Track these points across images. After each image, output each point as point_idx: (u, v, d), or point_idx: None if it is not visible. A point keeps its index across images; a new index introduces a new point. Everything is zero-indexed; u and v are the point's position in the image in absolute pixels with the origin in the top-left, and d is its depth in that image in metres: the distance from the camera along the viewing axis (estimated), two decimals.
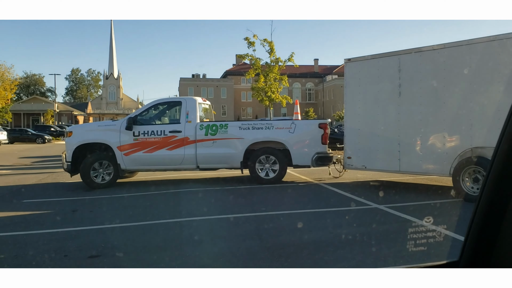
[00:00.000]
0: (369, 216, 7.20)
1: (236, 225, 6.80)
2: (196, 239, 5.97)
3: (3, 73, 57.81)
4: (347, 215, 7.32)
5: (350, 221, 6.84)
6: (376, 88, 9.96)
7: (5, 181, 12.85)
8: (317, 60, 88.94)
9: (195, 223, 6.92)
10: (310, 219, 7.09)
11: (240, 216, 7.32)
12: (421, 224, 6.23)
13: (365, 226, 6.53)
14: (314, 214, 7.47)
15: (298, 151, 10.72)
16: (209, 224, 6.88)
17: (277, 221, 7.02)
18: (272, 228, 6.50)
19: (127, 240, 6.08)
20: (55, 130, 51.30)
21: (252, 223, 6.87)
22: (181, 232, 6.40)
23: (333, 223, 6.67)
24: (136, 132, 10.66)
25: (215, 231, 6.43)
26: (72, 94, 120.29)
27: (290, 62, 24.75)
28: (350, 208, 7.82)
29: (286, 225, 6.74)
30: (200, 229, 6.57)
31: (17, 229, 6.78)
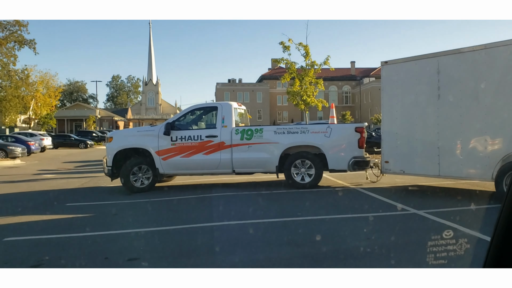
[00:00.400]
0: (407, 222, 7.04)
1: (271, 230, 6.80)
2: (232, 244, 6.01)
3: (48, 81, 60.13)
4: (385, 221, 7.19)
5: (388, 227, 6.71)
6: (414, 91, 9.75)
7: (50, 185, 13.35)
8: (354, 62, 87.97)
9: (231, 228, 6.97)
10: (346, 224, 7.01)
11: (276, 221, 7.32)
12: (457, 230, 6.04)
13: (402, 232, 6.39)
14: (350, 219, 7.38)
15: (334, 155, 10.61)
16: (245, 228, 6.90)
17: (313, 226, 6.98)
18: (308, 234, 6.46)
19: (164, 243, 6.19)
20: (97, 135, 52.83)
21: (287, 228, 6.85)
22: (216, 236, 6.46)
23: (370, 229, 6.55)
24: (173, 137, 10.85)
25: (251, 236, 6.44)
26: (112, 100, 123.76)
27: (325, 65, 24.53)
28: (388, 214, 7.67)
29: (323, 230, 6.67)
30: (235, 233, 6.60)
31: (60, 231, 7.03)
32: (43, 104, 57.80)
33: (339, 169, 10.77)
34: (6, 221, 7.98)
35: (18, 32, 53.46)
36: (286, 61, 24.47)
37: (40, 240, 6.58)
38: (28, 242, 6.52)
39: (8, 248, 6.14)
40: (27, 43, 54.35)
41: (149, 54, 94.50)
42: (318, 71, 24.52)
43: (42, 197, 10.98)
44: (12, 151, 26.65)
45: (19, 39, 53.65)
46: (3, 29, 52.82)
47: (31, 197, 11.00)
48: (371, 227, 6.64)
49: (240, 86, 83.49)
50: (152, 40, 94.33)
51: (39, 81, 58.57)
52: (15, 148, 27.10)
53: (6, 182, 14.61)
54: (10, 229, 7.38)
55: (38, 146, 33.35)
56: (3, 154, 26.63)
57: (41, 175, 16.70)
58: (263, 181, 12.38)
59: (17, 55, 54.10)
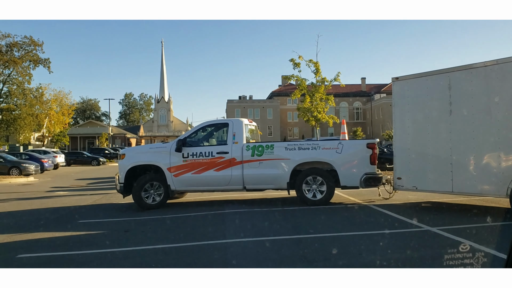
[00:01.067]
0: (421, 239, 6.94)
1: (283, 247, 6.75)
2: (244, 261, 5.97)
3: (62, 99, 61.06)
4: (398, 238, 7.10)
5: (401, 244, 6.62)
6: (426, 107, 9.71)
7: (63, 202, 13.44)
8: (364, 78, 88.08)
9: (242, 245, 6.93)
10: (359, 241, 6.92)
11: (288, 238, 7.27)
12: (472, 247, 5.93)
13: (416, 249, 6.29)
14: (363, 236, 7.29)
15: (346, 171, 10.55)
16: (257, 246, 6.86)
17: (325, 243, 6.91)
18: (320, 251, 6.40)
19: (176, 260, 6.17)
20: (109, 153, 53.23)
21: (300, 245, 6.80)
22: (229, 254, 6.42)
23: (383, 246, 6.47)
24: (185, 154, 10.89)
25: (263, 253, 6.40)
26: (125, 117, 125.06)
27: (336, 81, 24.58)
28: (401, 231, 7.58)
29: (335, 247, 6.59)
30: (247, 251, 6.57)
31: (73, 248, 7.05)
32: (56, 122, 58.60)
33: (351, 186, 10.69)
34: (20, 238, 8.03)
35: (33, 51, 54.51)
36: (297, 77, 24.60)
37: (52, 257, 6.61)
38: (41, 259, 6.54)
39: (21, 265, 6.16)
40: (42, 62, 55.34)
41: (161, 72, 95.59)
42: (328, 88, 24.56)
43: (55, 214, 11.05)
44: (26, 169, 26.97)
45: (34, 58, 54.67)
46: (19, 49, 53.90)
47: (44, 214, 11.06)
48: (384, 245, 6.56)
49: (251, 103, 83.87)
50: (164, 58, 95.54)
51: (53, 99, 59.52)
52: (29, 165, 27.43)
53: (19, 199, 14.74)
54: (23, 246, 7.41)
55: (51, 164, 33.71)
56: (17, 171, 26.96)
57: (54, 192, 16.83)
58: (274, 197, 12.33)
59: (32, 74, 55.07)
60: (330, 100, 24.80)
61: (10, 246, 7.36)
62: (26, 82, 54.91)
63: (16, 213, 11.49)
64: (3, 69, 53.67)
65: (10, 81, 55.15)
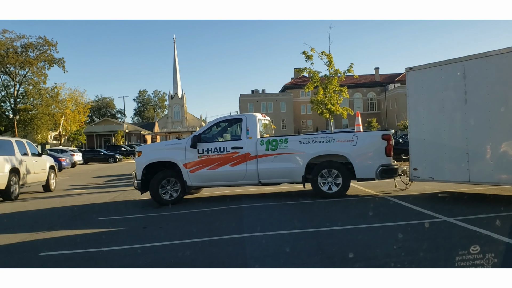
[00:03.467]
0: (438, 230, 6.92)
1: (299, 240, 6.78)
2: (260, 255, 6.02)
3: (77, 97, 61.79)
4: (415, 229, 7.07)
5: (419, 235, 6.60)
6: (440, 97, 9.62)
7: (81, 200, 13.66)
8: (378, 69, 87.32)
9: (259, 239, 6.98)
10: (376, 233, 6.92)
11: (304, 232, 7.29)
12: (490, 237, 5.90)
13: (433, 240, 6.28)
14: (380, 228, 7.29)
15: (361, 163, 10.52)
16: (274, 239, 6.91)
17: (342, 236, 6.92)
18: (337, 244, 6.42)
19: (194, 255, 6.25)
20: (125, 150, 53.82)
21: (316, 238, 6.82)
22: (244, 248, 6.48)
23: (400, 238, 6.45)
24: (200, 150, 10.97)
25: (280, 247, 6.44)
26: (140, 114, 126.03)
27: (349, 73, 24.41)
28: (418, 222, 7.54)
29: (352, 240, 6.61)
30: (263, 245, 6.61)
31: (92, 246, 7.19)
32: (72, 121, 59.35)
33: (367, 178, 10.66)
34: (41, 236, 8.21)
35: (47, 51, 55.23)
36: (309, 70, 24.51)
37: (73, 254, 6.75)
38: (61, 256, 6.69)
39: (44, 263, 6.31)
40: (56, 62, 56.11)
41: (174, 68, 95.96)
42: (342, 79, 24.43)
43: (74, 212, 11.25)
44: None
45: (49, 58, 55.43)
46: (34, 49, 54.67)
47: (64, 212, 11.28)
48: (401, 236, 6.53)
49: (264, 97, 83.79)
50: (176, 54, 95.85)
51: (68, 98, 60.27)
52: None
53: (39, 198, 15.02)
54: (45, 244, 7.59)
55: (69, 162, 34.21)
56: None
57: (73, 190, 17.11)
58: (289, 191, 12.37)
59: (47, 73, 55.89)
60: (344, 92, 24.66)
61: (32, 244, 7.53)
62: (42, 82, 55.84)
63: (37, 212, 11.72)
64: (19, 69, 54.58)
65: (26, 81, 56.09)
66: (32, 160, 15.67)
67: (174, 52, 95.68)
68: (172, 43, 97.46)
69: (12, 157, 14.34)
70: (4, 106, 57.13)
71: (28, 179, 15.22)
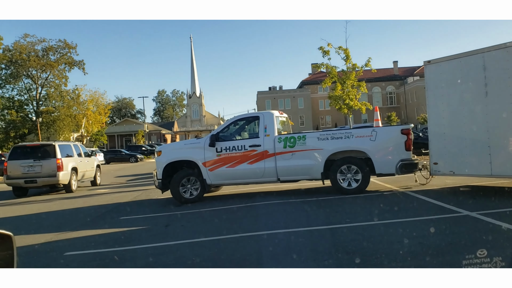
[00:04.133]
0: (460, 224, 6.83)
1: (320, 237, 6.77)
2: (281, 253, 6.04)
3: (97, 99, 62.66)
4: (437, 224, 6.99)
5: (441, 230, 6.52)
6: (460, 89, 9.47)
7: (104, 199, 13.88)
8: (396, 62, 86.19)
9: (279, 236, 7.00)
10: (398, 229, 6.86)
11: (324, 228, 7.28)
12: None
13: (456, 235, 6.20)
14: (401, 224, 7.23)
15: (381, 159, 10.43)
16: (294, 236, 6.92)
17: (363, 232, 6.89)
18: (357, 240, 6.39)
19: (215, 253, 6.31)
20: (146, 149, 54.38)
21: (336, 235, 6.80)
22: (265, 245, 6.51)
23: (422, 233, 6.38)
24: (218, 148, 11.04)
25: (300, 244, 6.45)
26: (159, 114, 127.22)
27: (367, 67, 24.13)
28: (440, 217, 7.46)
29: (373, 236, 6.57)
30: (284, 241, 6.63)
31: (116, 245, 7.31)
32: (94, 122, 60.22)
33: (387, 173, 10.58)
34: (66, 236, 8.39)
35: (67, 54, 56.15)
36: (326, 65, 24.30)
37: (97, 254, 6.88)
38: (86, 256, 6.82)
39: (69, 262, 6.45)
40: (77, 64, 57.02)
41: (192, 67, 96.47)
42: (359, 74, 24.15)
43: (97, 212, 11.44)
44: None
45: (69, 60, 56.36)
46: (54, 52, 55.66)
47: (87, 212, 11.48)
48: (423, 231, 6.47)
49: (281, 93, 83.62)
50: (193, 54, 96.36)
51: (89, 100, 61.16)
52: None
53: (63, 198, 15.31)
54: (69, 243, 7.75)
55: None
56: None
57: (96, 190, 17.39)
58: (308, 187, 12.35)
59: (68, 76, 56.81)
60: (362, 87, 24.39)
61: (57, 244, 7.70)
62: (63, 85, 56.85)
63: (61, 212, 11.96)
64: (40, 73, 55.66)
65: (47, 84, 57.15)
66: (84, 160, 18.49)
67: (191, 51, 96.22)
68: (189, 43, 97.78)
69: (71, 158, 17.21)
70: (27, 109, 58.34)
71: (82, 175, 17.98)
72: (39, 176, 16.10)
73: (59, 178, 16.16)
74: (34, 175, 16.10)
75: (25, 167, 16.14)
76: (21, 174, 16.18)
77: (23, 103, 57.56)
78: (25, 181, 16.15)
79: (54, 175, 16.09)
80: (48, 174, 16.07)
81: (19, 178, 16.22)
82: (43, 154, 16.40)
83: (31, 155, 16.49)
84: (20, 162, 16.25)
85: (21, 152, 16.85)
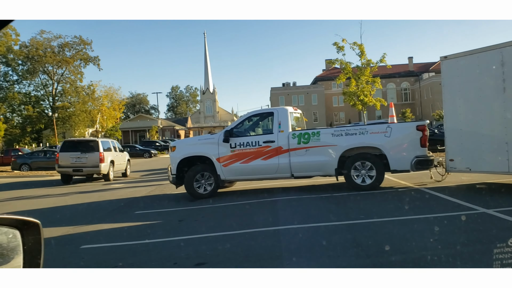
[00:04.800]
0: (476, 222, 6.76)
1: (334, 233, 6.77)
2: (295, 248, 6.05)
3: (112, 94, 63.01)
4: (453, 221, 6.93)
5: (456, 228, 6.47)
6: (477, 85, 9.34)
7: (119, 194, 14.02)
8: (412, 58, 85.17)
9: (293, 232, 7.01)
10: (413, 226, 6.82)
11: (338, 224, 7.27)
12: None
13: (471, 232, 6.13)
14: (416, 220, 7.17)
15: (395, 155, 10.35)
16: (308, 232, 6.92)
17: (377, 229, 6.86)
18: (372, 237, 6.37)
19: (230, 248, 6.33)
20: (160, 145, 54.66)
21: (351, 231, 6.78)
22: (280, 241, 6.52)
23: (437, 231, 6.33)
24: (232, 144, 11.06)
25: (314, 240, 6.45)
26: (173, 110, 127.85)
27: (382, 63, 23.93)
28: (455, 214, 7.40)
29: (387, 233, 6.54)
30: (298, 237, 6.64)
31: (131, 238, 7.39)
32: (108, 117, 60.62)
33: (402, 170, 10.49)
34: (82, 229, 8.50)
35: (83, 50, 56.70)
36: (341, 61, 24.13)
37: (112, 247, 6.96)
38: (102, 249, 6.92)
39: (85, 255, 6.54)
40: (92, 60, 57.58)
41: (205, 63, 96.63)
42: (374, 70, 23.96)
43: (112, 206, 11.56)
44: None
45: (84, 56, 56.93)
46: (70, 48, 56.25)
47: (103, 207, 11.61)
48: (439, 228, 6.41)
49: (295, 89, 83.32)
50: (207, 49, 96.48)
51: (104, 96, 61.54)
52: None
53: (79, 192, 15.51)
54: (85, 237, 7.85)
55: None
56: None
57: (110, 185, 17.57)
58: (322, 184, 12.32)
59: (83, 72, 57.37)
60: (377, 83, 24.19)
61: (74, 237, 7.81)
62: (78, 80, 57.50)
63: (77, 206, 12.11)
64: (56, 69, 56.34)
65: (63, 80, 57.86)
66: (119, 154, 21.50)
67: (205, 47, 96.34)
68: (203, 38, 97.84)
69: (110, 152, 20.01)
70: (43, 104, 59.14)
71: (117, 167, 20.69)
72: (84, 166, 18.97)
73: (101, 169, 18.93)
74: (80, 165, 19.01)
75: (73, 158, 19.03)
76: (70, 164, 19.06)
77: (39, 98, 58.43)
78: (73, 170, 19.12)
79: (97, 165, 18.83)
80: (92, 165, 18.86)
81: (68, 167, 19.16)
82: (88, 148, 19.18)
83: (78, 148, 19.41)
84: (69, 154, 19.13)
85: (69, 146, 19.95)
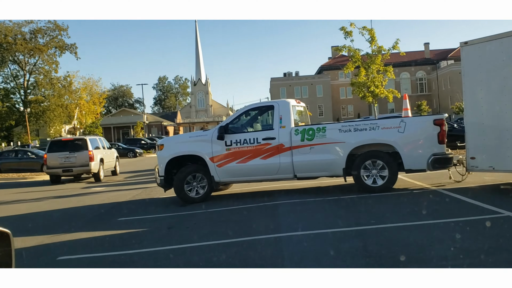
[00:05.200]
0: (502, 228, 6.78)
1: (343, 241, 6.78)
2: (299, 257, 6.06)
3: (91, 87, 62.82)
4: (475, 226, 6.95)
5: (478, 234, 6.49)
6: (502, 74, 9.36)
7: (100, 198, 14.02)
8: (428, 44, 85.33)
9: (297, 239, 7.02)
10: (429, 232, 6.83)
11: (346, 230, 7.29)
12: None
13: (495, 238, 6.16)
14: (433, 226, 7.19)
15: (410, 153, 10.36)
16: (313, 239, 6.93)
17: (390, 235, 6.88)
18: (383, 244, 6.39)
19: (225, 258, 6.33)
20: (146, 143, 54.64)
21: (361, 238, 6.80)
22: (281, 250, 6.54)
23: (458, 237, 6.35)
24: (228, 142, 11.03)
25: (320, 248, 6.46)
26: (160, 103, 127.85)
27: (395, 50, 23.94)
28: (477, 218, 7.42)
29: (401, 240, 6.56)
30: (302, 245, 6.65)
31: (114, 249, 7.40)
32: (87, 112, 60.48)
33: (417, 169, 10.50)
34: (58, 239, 8.49)
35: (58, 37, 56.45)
36: (349, 48, 24.14)
37: (93, 258, 6.96)
38: (81, 261, 6.90)
39: (62, 268, 6.53)
40: (68, 48, 57.29)
41: (196, 51, 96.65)
42: (386, 57, 23.97)
43: (93, 212, 11.56)
44: None
45: (60, 44, 56.62)
46: (43, 35, 55.96)
47: (82, 213, 11.61)
48: (459, 235, 6.43)
49: (297, 80, 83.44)
50: (199, 37, 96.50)
51: (82, 88, 61.35)
52: None
53: (55, 197, 15.49)
54: (62, 247, 7.83)
55: None
56: None
57: (90, 189, 17.57)
58: (328, 185, 12.34)
59: (59, 61, 57.04)
60: (389, 72, 24.21)
61: (50, 248, 7.81)
62: (53, 71, 57.15)
63: (53, 212, 12.11)
64: (28, 58, 56.02)
65: (36, 70, 57.53)
66: (108, 152, 23.02)
67: (196, 34, 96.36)
68: (194, 25, 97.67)
69: (99, 150, 21.47)
70: (14, 98, 58.91)
71: (106, 165, 22.08)
72: (74, 166, 20.29)
73: (91, 168, 20.28)
74: (70, 165, 20.32)
75: (62, 158, 20.32)
76: (58, 164, 20.40)
77: (9, 91, 58.10)
78: (63, 170, 20.43)
79: (87, 164, 20.17)
80: (81, 164, 20.23)
81: (57, 168, 20.50)
82: (77, 147, 20.52)
83: (66, 148, 20.71)
84: (58, 154, 20.43)
85: (57, 146, 21.27)
